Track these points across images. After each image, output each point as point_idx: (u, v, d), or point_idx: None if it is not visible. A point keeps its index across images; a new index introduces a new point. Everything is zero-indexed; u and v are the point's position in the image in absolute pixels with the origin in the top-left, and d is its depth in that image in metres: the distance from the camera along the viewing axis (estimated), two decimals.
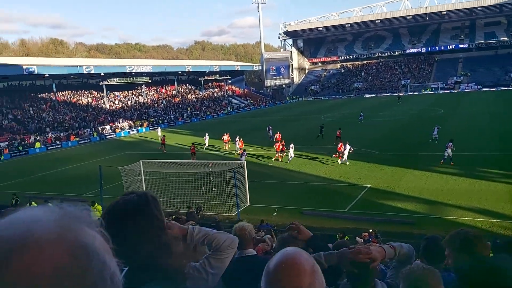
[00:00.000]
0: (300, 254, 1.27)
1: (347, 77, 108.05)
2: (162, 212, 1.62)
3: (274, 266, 1.24)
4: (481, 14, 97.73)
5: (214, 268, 2.17)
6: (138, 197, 1.60)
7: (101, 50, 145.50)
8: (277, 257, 1.27)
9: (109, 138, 56.38)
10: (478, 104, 57.52)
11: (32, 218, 0.72)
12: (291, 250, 1.29)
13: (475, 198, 19.00)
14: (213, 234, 2.30)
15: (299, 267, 1.22)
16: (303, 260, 1.24)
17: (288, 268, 1.22)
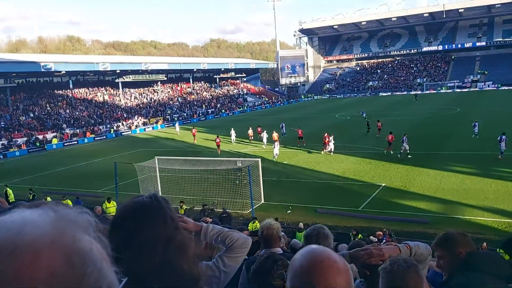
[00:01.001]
0: (332, 252, 1.22)
1: (362, 75, 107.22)
2: (175, 212, 1.56)
3: (308, 264, 1.17)
4: (500, 11, 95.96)
5: (227, 267, 2.21)
6: (149, 198, 1.52)
7: (117, 47, 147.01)
8: (309, 255, 1.21)
9: (125, 134, 57.03)
10: (496, 103, 56.56)
11: (24, 220, 0.67)
12: (321, 248, 1.24)
13: (492, 198, 18.76)
14: (227, 231, 2.34)
15: (337, 266, 1.17)
16: (337, 258, 1.20)
17: (326, 267, 1.15)
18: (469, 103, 58.60)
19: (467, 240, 2.73)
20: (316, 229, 3.47)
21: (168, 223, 1.47)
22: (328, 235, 3.41)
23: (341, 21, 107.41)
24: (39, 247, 0.63)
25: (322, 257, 1.18)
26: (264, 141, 35.65)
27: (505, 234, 14.75)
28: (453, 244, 2.63)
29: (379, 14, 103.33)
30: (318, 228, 3.50)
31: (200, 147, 38.76)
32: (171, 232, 1.45)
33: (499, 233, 15.00)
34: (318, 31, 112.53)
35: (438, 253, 2.68)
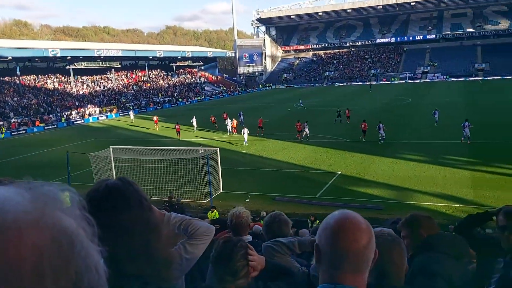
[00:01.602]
0: (358, 215, 1.38)
1: (319, 65, 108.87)
2: (145, 194, 1.53)
3: (335, 223, 1.34)
4: (449, 5, 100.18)
5: (189, 254, 2.19)
6: (120, 181, 1.48)
7: (67, 33, 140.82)
8: (337, 216, 1.36)
9: (77, 124, 55.00)
10: (445, 93, 59.24)
11: (2, 197, 0.62)
12: (349, 211, 1.39)
13: (440, 184, 19.72)
14: (189, 219, 2.31)
15: (360, 225, 1.32)
16: (362, 220, 1.35)
17: (350, 225, 1.32)
18: (420, 94, 60.98)
19: (431, 222, 2.85)
20: (277, 216, 3.48)
21: (143, 205, 1.43)
22: (287, 220, 3.44)
23: (298, 11, 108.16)
24: (23, 226, 0.60)
25: (349, 217, 1.35)
26: (228, 129, 36.26)
27: (452, 218, 15.56)
28: (417, 225, 2.75)
29: (335, 5, 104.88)
30: (278, 215, 3.51)
31: (158, 136, 38.07)
32: (146, 214, 1.42)
33: (447, 217, 15.81)
34: (276, 21, 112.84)
35: (403, 233, 2.79)
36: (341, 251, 1.30)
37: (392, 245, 2.08)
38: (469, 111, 40.41)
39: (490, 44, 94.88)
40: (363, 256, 1.32)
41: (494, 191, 18.27)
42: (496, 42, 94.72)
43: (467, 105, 45.11)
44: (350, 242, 1.30)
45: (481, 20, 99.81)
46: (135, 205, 1.41)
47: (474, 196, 17.97)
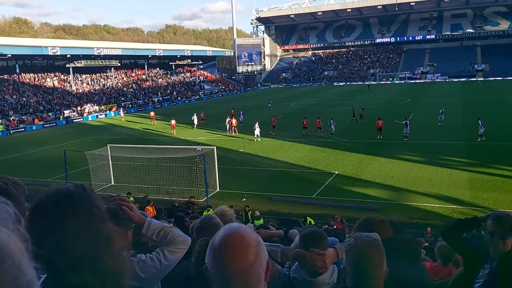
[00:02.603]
0: (244, 228, 1.30)
1: (318, 65, 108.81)
2: (101, 203, 1.47)
3: (220, 242, 1.26)
4: (449, 6, 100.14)
5: (167, 260, 2.24)
6: (75, 186, 1.42)
7: (68, 31, 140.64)
8: (221, 233, 1.29)
9: (76, 122, 54.97)
10: (444, 94, 59.20)
11: None
12: (234, 225, 1.32)
13: (437, 185, 19.70)
14: (169, 227, 2.35)
15: (244, 239, 1.25)
16: (246, 232, 1.28)
17: (234, 242, 1.24)
18: (419, 94, 60.96)
19: (385, 226, 2.83)
20: (207, 221, 3.25)
21: (94, 214, 1.36)
22: (219, 224, 3.17)
23: (297, 11, 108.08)
24: None
25: (233, 233, 1.27)
26: (227, 127, 36.54)
27: (449, 220, 15.55)
28: (369, 229, 2.67)
29: (335, 5, 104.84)
30: (210, 219, 3.29)
31: (156, 135, 38.06)
32: (96, 223, 1.35)
33: (443, 219, 15.79)
34: (275, 20, 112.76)
35: None
36: (226, 271, 1.24)
37: (370, 248, 2.07)
38: (468, 112, 40.44)
39: (490, 44, 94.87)
40: (250, 273, 1.25)
41: (492, 193, 18.26)
42: (496, 43, 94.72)
43: (466, 106, 45.11)
44: (233, 261, 1.23)
45: (481, 20, 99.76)
46: (84, 213, 1.33)
47: (471, 197, 17.95)
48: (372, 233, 2.32)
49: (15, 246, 0.63)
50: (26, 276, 0.63)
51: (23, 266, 0.63)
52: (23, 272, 0.62)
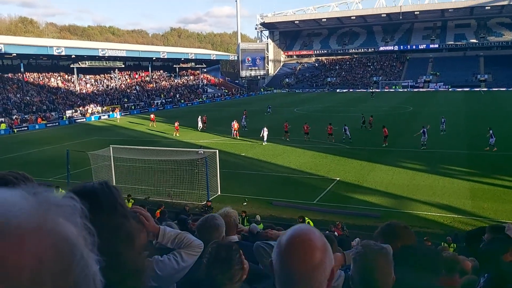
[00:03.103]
0: (313, 231, 1.31)
1: (321, 71, 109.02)
2: (124, 201, 1.51)
3: (287, 241, 1.27)
4: (453, 16, 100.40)
5: (184, 261, 2.30)
6: (99, 184, 1.46)
7: (73, 31, 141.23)
8: (290, 232, 1.30)
9: (79, 122, 55.14)
10: (446, 103, 59.24)
11: (4, 202, 0.61)
12: (304, 226, 1.33)
13: (439, 194, 19.70)
14: (183, 233, 2.42)
15: (312, 243, 1.25)
16: (315, 236, 1.27)
17: (301, 243, 1.25)
18: (421, 103, 61.00)
19: (409, 233, 2.77)
20: (208, 221, 3.28)
21: (117, 211, 1.40)
22: (217, 225, 3.25)
23: (302, 17, 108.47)
24: (25, 232, 0.59)
25: (301, 234, 1.27)
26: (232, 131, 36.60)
27: (449, 229, 15.57)
28: (393, 236, 2.67)
29: (339, 12, 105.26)
30: (211, 219, 3.31)
31: (158, 137, 38.14)
32: (119, 220, 1.38)
33: (444, 228, 15.81)
34: (279, 26, 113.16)
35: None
36: (290, 271, 1.24)
37: (378, 255, 2.08)
38: (470, 121, 40.50)
39: (493, 55, 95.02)
40: (313, 277, 1.24)
41: (492, 203, 18.26)
42: (499, 54, 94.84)
43: (468, 115, 45.14)
44: (299, 262, 1.23)
45: (484, 31, 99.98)
46: (108, 209, 1.36)
47: (473, 207, 17.95)
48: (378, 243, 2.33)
49: (83, 239, 0.66)
50: (92, 268, 0.66)
51: (90, 258, 0.66)
52: (89, 264, 0.66)
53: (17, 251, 0.57)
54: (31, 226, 0.59)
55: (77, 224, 0.67)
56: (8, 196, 0.63)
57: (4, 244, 0.57)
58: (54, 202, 0.66)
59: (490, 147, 27.36)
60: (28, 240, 0.58)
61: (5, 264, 0.56)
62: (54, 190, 0.70)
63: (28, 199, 0.63)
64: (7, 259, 0.56)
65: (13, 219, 0.59)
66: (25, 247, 0.58)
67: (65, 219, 0.65)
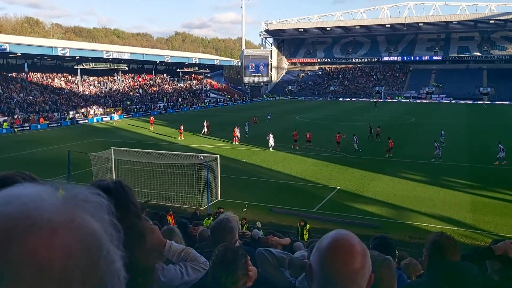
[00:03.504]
0: (353, 236, 1.32)
1: (324, 79, 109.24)
2: (137, 200, 1.53)
3: (328, 245, 1.28)
4: (456, 28, 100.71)
5: (189, 276, 2.30)
6: (113, 183, 1.49)
7: (78, 33, 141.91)
8: (331, 236, 1.31)
9: (81, 123, 55.21)
10: (449, 115, 59.25)
11: (36, 196, 0.63)
12: (344, 232, 1.34)
13: (439, 206, 19.63)
14: (189, 248, 2.45)
15: (353, 248, 1.26)
16: (356, 242, 1.29)
17: (343, 247, 1.26)
18: (423, 114, 61.02)
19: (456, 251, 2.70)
20: (222, 223, 3.27)
21: (130, 210, 1.42)
22: (232, 228, 3.23)
23: (306, 25, 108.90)
24: (55, 226, 0.61)
25: (342, 239, 1.29)
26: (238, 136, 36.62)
27: None
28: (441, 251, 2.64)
29: (343, 21, 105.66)
30: (225, 222, 3.30)
31: (159, 140, 38.17)
32: (132, 219, 1.40)
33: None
34: (284, 33, 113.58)
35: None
36: (331, 274, 1.26)
37: (381, 266, 2.08)
38: (472, 134, 40.47)
39: (496, 68, 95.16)
40: (354, 280, 1.26)
41: (493, 217, 18.19)
42: (503, 67, 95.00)
43: (471, 128, 45.10)
44: (341, 265, 1.25)
45: (488, 44, 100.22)
46: (121, 208, 1.41)
47: (473, 220, 17.88)
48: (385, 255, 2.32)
49: (109, 235, 0.68)
50: (117, 263, 0.68)
51: (115, 254, 0.68)
52: (115, 259, 0.67)
53: (49, 244, 0.59)
54: (62, 221, 0.61)
55: (104, 220, 0.69)
56: (39, 191, 0.64)
57: (37, 237, 0.59)
58: (82, 198, 0.68)
59: (499, 160, 27.12)
60: (59, 234, 0.60)
61: (38, 256, 0.58)
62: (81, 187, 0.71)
63: (56, 195, 0.65)
64: (39, 252, 0.58)
65: (44, 213, 0.60)
66: (56, 241, 0.59)
67: (92, 215, 0.67)
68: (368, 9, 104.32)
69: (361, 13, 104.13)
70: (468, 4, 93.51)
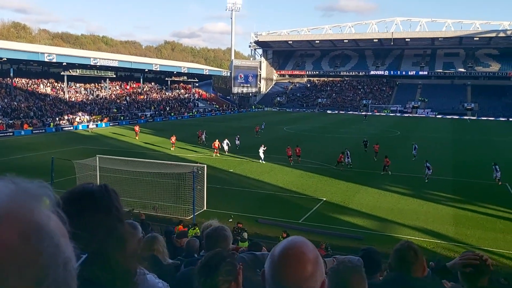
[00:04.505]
0: (306, 244, 1.32)
1: (312, 91, 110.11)
2: (121, 205, 1.53)
3: (279, 252, 1.29)
4: (442, 45, 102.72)
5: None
6: (98, 186, 1.50)
7: (65, 39, 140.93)
8: (283, 244, 1.32)
9: (66, 130, 54.59)
10: (433, 129, 60.10)
11: None
12: (297, 239, 1.34)
13: (422, 219, 19.83)
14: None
15: (304, 255, 1.27)
16: (308, 249, 1.29)
17: (293, 256, 1.27)
18: (409, 128, 61.79)
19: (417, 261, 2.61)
20: (216, 231, 3.31)
21: (112, 214, 1.43)
22: (226, 236, 3.27)
23: (295, 38, 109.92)
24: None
25: (294, 246, 1.29)
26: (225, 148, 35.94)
27: (432, 254, 15.61)
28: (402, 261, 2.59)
29: (332, 35, 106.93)
30: (220, 229, 3.35)
31: (145, 149, 37.90)
32: (113, 223, 1.42)
33: (427, 253, 15.82)
34: (273, 45, 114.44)
35: None
36: (282, 281, 1.26)
37: (351, 273, 2.12)
38: (456, 148, 41.08)
39: (480, 85, 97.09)
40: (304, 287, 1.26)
41: (475, 230, 18.44)
42: (486, 84, 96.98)
43: (455, 143, 45.78)
44: (290, 273, 1.25)
45: (472, 61, 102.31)
46: (102, 212, 1.40)
47: (455, 233, 18.09)
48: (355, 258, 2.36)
49: (55, 226, 0.68)
50: (64, 254, 0.68)
51: (62, 245, 0.68)
52: (61, 250, 0.67)
53: None
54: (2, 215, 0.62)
55: (51, 212, 0.70)
56: None
57: None
58: (30, 191, 0.69)
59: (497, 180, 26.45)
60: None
61: None
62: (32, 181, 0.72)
63: (8, 188, 0.66)
64: None
65: None
66: None
67: (38, 207, 0.67)
68: (356, 23, 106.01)
69: (349, 27, 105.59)
70: (454, 21, 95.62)
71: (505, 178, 26.59)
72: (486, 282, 2.38)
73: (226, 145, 35.80)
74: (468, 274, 2.42)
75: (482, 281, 2.38)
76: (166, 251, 4.08)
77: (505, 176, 26.57)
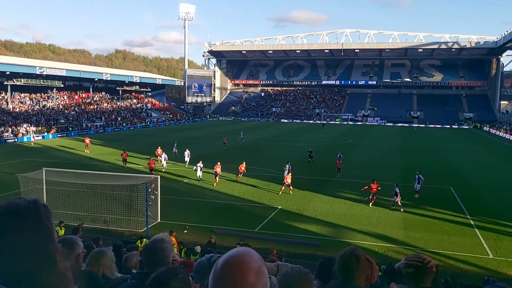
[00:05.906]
0: (249, 254, 1.31)
1: (267, 101, 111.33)
2: (52, 222, 1.44)
3: (221, 263, 1.29)
4: (389, 56, 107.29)
5: None
6: (26, 202, 1.39)
7: (9, 47, 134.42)
8: (226, 255, 1.32)
9: (10, 142, 51.80)
10: (382, 136, 62.42)
11: None
12: (241, 249, 1.34)
13: (374, 223, 20.43)
14: None
15: (244, 265, 1.26)
16: (250, 259, 1.29)
17: (234, 266, 1.26)
18: (359, 135, 63.81)
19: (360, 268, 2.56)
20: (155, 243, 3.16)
21: (40, 232, 1.34)
22: (164, 249, 3.11)
23: (249, 47, 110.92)
24: None
25: (236, 256, 1.29)
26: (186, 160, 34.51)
27: (384, 258, 16.07)
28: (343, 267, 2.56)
29: (285, 45, 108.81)
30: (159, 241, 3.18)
31: (96, 161, 36.65)
32: (41, 242, 1.33)
33: (378, 257, 16.26)
34: (227, 54, 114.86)
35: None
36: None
37: (299, 277, 2.15)
38: (404, 155, 42.79)
39: (425, 94, 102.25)
40: None
41: (423, 233, 19.19)
42: (430, 93, 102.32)
43: (403, 149, 47.73)
44: (230, 282, 1.25)
45: (417, 71, 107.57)
46: (30, 230, 1.30)
47: (405, 237, 18.75)
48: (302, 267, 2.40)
49: None
50: None
51: None
52: None
53: None
54: None
55: None
56: None
57: None
58: None
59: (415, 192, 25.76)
60: None
61: None
62: None
63: None
64: None
65: None
66: None
67: None
68: (308, 34, 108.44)
69: (301, 37, 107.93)
70: (399, 33, 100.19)
71: (450, 182, 27.93)
72: (429, 282, 2.45)
73: (187, 156, 34.70)
74: (411, 274, 2.48)
75: (425, 281, 2.45)
76: (114, 265, 3.93)
77: (450, 180, 27.95)
